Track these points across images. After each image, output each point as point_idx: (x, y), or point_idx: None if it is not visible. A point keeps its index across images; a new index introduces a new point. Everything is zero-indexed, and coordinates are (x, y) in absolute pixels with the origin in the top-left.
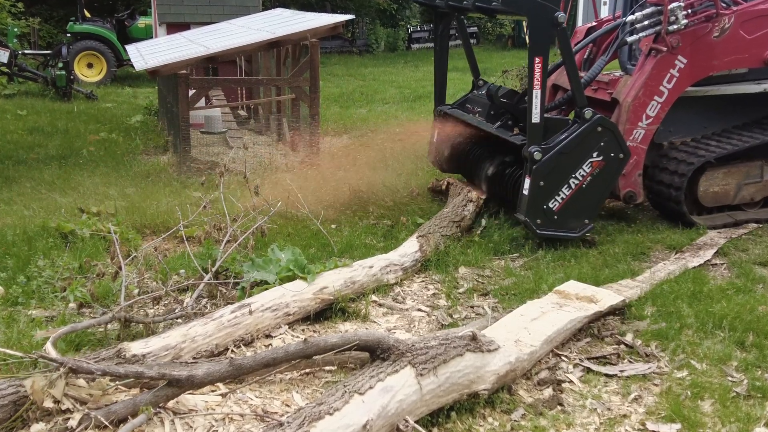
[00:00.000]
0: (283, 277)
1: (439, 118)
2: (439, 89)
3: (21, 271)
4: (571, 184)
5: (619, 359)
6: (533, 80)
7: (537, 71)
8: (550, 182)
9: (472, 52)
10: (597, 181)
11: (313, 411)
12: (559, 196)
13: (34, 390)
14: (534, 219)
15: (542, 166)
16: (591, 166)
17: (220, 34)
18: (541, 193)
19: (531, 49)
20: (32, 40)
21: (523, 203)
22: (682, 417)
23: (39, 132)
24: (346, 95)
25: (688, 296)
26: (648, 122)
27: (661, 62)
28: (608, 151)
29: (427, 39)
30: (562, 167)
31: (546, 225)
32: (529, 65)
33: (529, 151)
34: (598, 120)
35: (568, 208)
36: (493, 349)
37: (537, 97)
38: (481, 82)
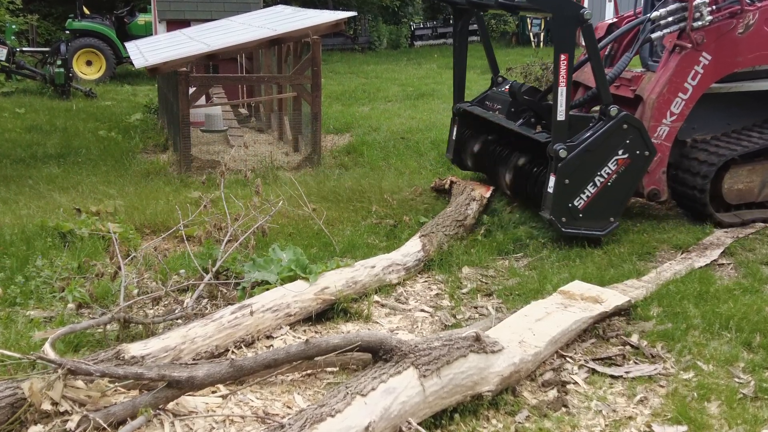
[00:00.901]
0: (284, 278)
1: (459, 116)
2: (458, 86)
3: (19, 271)
4: (597, 182)
5: (625, 360)
6: (558, 77)
7: (562, 68)
8: (575, 180)
9: (491, 49)
10: (622, 179)
11: (314, 413)
12: (584, 194)
13: (32, 392)
14: (559, 217)
15: (567, 164)
16: (616, 164)
17: (221, 31)
18: (567, 191)
19: (556, 46)
20: (30, 38)
21: (548, 201)
22: (688, 419)
23: (37, 130)
24: (348, 93)
25: (695, 297)
26: (672, 119)
27: (686, 59)
28: (634, 149)
29: (430, 36)
30: (587, 165)
31: (571, 223)
32: (554, 62)
33: (554, 148)
34: (623, 117)
35: (593, 207)
36: (497, 350)
37: (562, 94)
38: (500, 79)
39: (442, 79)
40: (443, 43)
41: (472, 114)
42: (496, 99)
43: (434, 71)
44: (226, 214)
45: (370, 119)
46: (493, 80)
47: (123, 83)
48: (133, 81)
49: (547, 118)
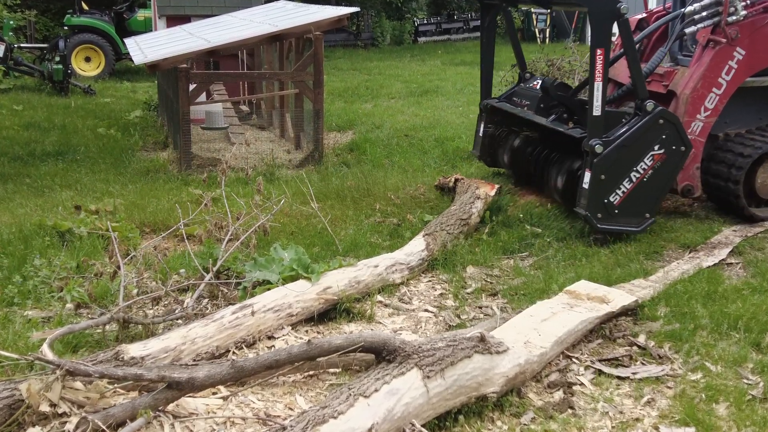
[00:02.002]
0: (286, 277)
1: (487, 112)
2: (485, 82)
3: (17, 271)
4: (632, 177)
5: (632, 361)
6: (595, 72)
7: (599, 63)
8: (611, 176)
9: (518, 45)
10: (658, 175)
11: (316, 414)
12: (620, 190)
13: (30, 393)
14: (594, 213)
15: (603, 160)
16: (652, 159)
17: (222, 27)
18: (602, 186)
19: (593, 41)
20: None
21: (584, 197)
22: (696, 421)
23: (35, 128)
24: (351, 90)
25: (703, 296)
26: (706, 115)
27: (720, 54)
28: (670, 144)
29: (433, 32)
30: (623, 160)
31: (606, 219)
32: (590, 57)
33: (590, 144)
34: (660, 112)
35: (629, 202)
36: (502, 351)
37: (599, 90)
38: (528, 74)
39: (446, 76)
40: (447, 39)
41: (500, 110)
42: (524, 95)
43: (438, 68)
44: (227, 212)
45: (373, 116)
46: (521, 76)
47: (122, 80)
48: (132, 78)
49: (580, 114)
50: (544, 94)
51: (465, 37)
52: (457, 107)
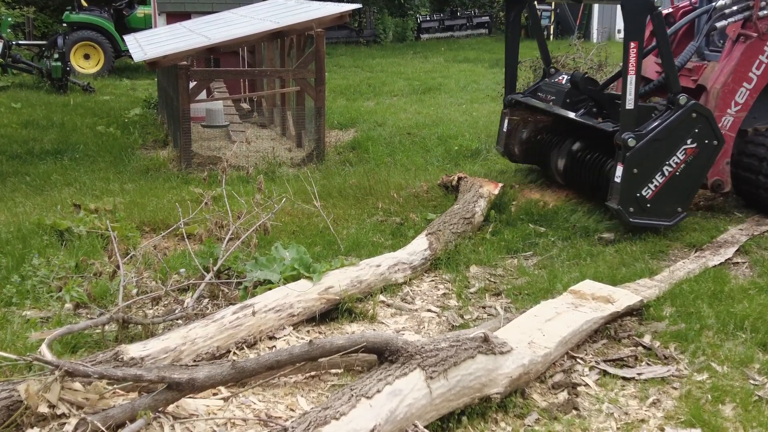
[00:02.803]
0: (287, 277)
1: (511, 107)
2: (510, 77)
3: (15, 270)
4: (665, 171)
5: (637, 362)
6: (628, 65)
7: (632, 56)
8: (643, 169)
9: (544, 40)
10: (690, 169)
11: (318, 415)
12: (652, 184)
13: (29, 394)
14: (627, 207)
15: (636, 153)
16: (685, 153)
17: (222, 24)
18: (635, 180)
19: (626, 34)
20: (27, 30)
21: (616, 191)
22: (702, 422)
23: (34, 126)
24: (353, 87)
25: (709, 296)
26: (737, 109)
27: (751, 48)
28: (702, 138)
29: (436, 29)
30: (655, 154)
31: (639, 213)
32: (624, 50)
33: (622, 137)
34: (692, 106)
35: (661, 196)
36: (506, 351)
37: (632, 83)
38: (552, 70)
39: (449, 73)
40: (450, 36)
41: (525, 105)
42: (549, 90)
43: (441, 65)
44: (227, 211)
45: (376, 114)
46: (545, 71)
47: (122, 77)
48: (132, 75)
49: (609, 108)
50: (573, 88)
51: (468, 34)
52: (460, 105)
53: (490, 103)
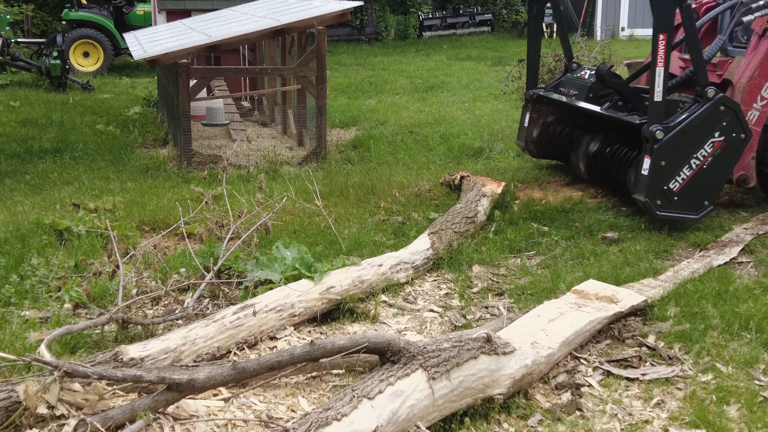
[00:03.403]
0: (288, 276)
1: (532, 102)
2: (532, 72)
3: (14, 270)
4: (692, 164)
5: (641, 362)
6: (656, 58)
7: (661, 49)
8: (671, 162)
9: (566, 35)
10: (718, 162)
11: (319, 416)
12: (679, 177)
13: (28, 395)
14: (654, 200)
15: (664, 146)
16: (712, 146)
17: (223, 22)
18: (662, 173)
19: (655, 26)
20: (26, 28)
21: (643, 184)
22: (707, 423)
23: (33, 124)
24: (355, 85)
25: (713, 296)
26: (763, 104)
27: None
28: (730, 131)
29: (439, 27)
30: (683, 147)
31: (666, 206)
32: (653, 42)
33: (650, 130)
34: (721, 99)
35: (688, 190)
36: (509, 352)
37: (660, 75)
38: (575, 65)
39: (451, 71)
40: (453, 33)
41: (547, 99)
42: (571, 84)
43: (443, 63)
44: (228, 210)
45: (377, 112)
46: (567, 66)
47: (121, 75)
48: (131, 73)
49: (635, 102)
50: (598, 81)
51: (471, 32)
52: (462, 103)
53: (492, 102)
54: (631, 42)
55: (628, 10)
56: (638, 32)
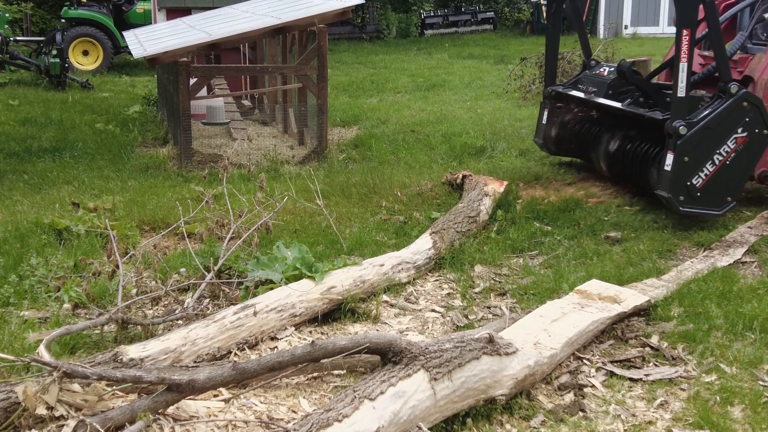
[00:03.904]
0: (289, 276)
1: (551, 99)
2: (550, 69)
3: (13, 270)
4: (715, 160)
5: (644, 362)
6: (680, 53)
7: (684, 44)
8: (694, 158)
9: (585, 33)
10: (741, 158)
11: (320, 417)
12: (702, 173)
13: (27, 396)
14: (677, 196)
15: (687, 141)
16: (735, 142)
17: (223, 20)
18: (685, 169)
19: (679, 22)
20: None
21: (666, 179)
22: (710, 424)
23: (32, 123)
24: (356, 84)
25: (717, 296)
26: None
27: None
28: (753, 127)
29: (441, 25)
30: (706, 143)
31: (689, 202)
32: (676, 38)
33: (673, 125)
34: (744, 95)
35: (711, 185)
36: (511, 352)
37: (683, 71)
38: (593, 62)
39: (453, 70)
40: (455, 32)
41: (566, 96)
42: (590, 81)
43: (445, 61)
44: (228, 210)
45: (379, 111)
46: (586, 63)
47: (121, 74)
48: (131, 72)
49: (656, 98)
50: (619, 77)
51: (473, 30)
52: (464, 102)
53: (495, 100)
54: (634, 40)
55: (631, 8)
56: (641, 30)
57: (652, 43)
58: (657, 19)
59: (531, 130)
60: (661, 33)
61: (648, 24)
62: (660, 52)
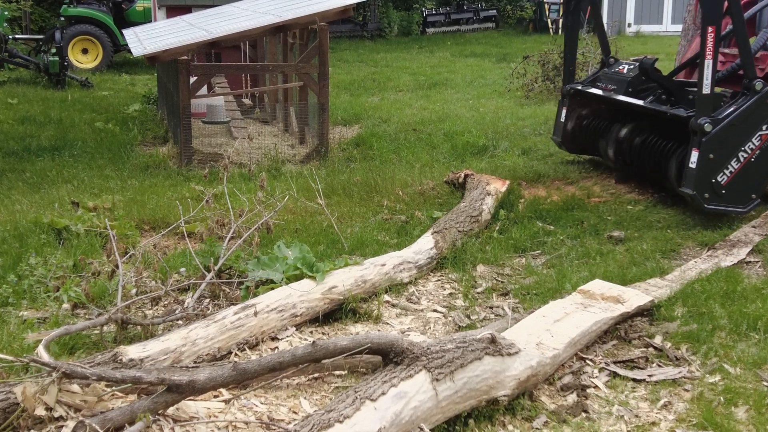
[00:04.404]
0: (290, 276)
1: (569, 97)
2: (569, 67)
3: (12, 270)
4: (740, 157)
5: (648, 363)
6: (705, 50)
7: (709, 41)
8: (718, 155)
9: (603, 30)
10: (765, 155)
11: (321, 418)
12: (727, 170)
13: (26, 396)
14: (702, 193)
15: (712, 139)
16: (760, 139)
17: (224, 18)
18: (710, 166)
19: (704, 18)
20: (24, 24)
21: (691, 177)
22: (714, 425)
23: (31, 122)
24: (357, 83)
25: (721, 296)
26: None
27: None
28: None
29: (442, 23)
30: (731, 140)
31: (713, 200)
32: (701, 34)
33: (698, 122)
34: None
35: (736, 183)
36: (514, 353)
37: (708, 67)
38: (612, 59)
39: (455, 68)
40: (457, 30)
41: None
42: (609, 79)
43: (447, 60)
44: (229, 209)
45: (380, 110)
46: (605, 61)
47: (121, 72)
48: (131, 70)
49: (678, 95)
50: (641, 75)
51: (475, 28)
52: (467, 100)
53: (497, 99)
54: (637, 38)
55: (634, 6)
56: (645, 28)
57: (655, 41)
58: (660, 17)
59: (533, 128)
60: (665, 31)
61: (651, 22)
62: (664, 51)
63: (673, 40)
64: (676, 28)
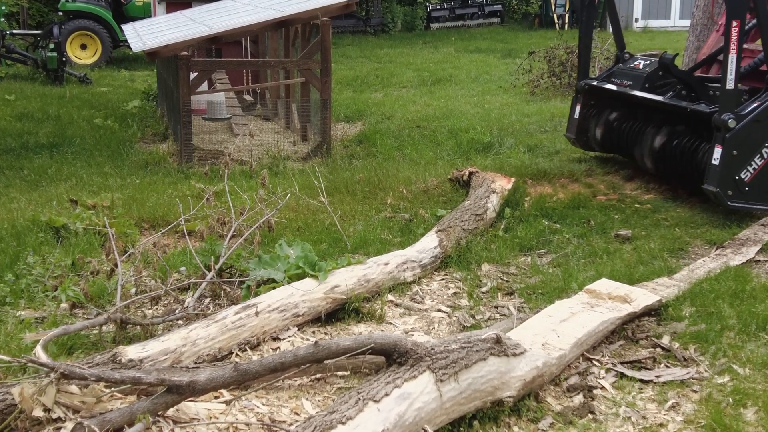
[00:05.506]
0: (291, 275)
1: (584, 93)
2: (584, 62)
3: (9, 269)
4: (764, 153)
5: (655, 364)
6: (729, 45)
7: (734, 35)
8: (742, 152)
9: (618, 25)
10: None
11: (324, 420)
12: (750, 167)
13: (23, 397)
14: (725, 190)
15: (736, 135)
16: None
17: (225, 13)
18: (734, 162)
19: (729, 13)
20: (21, 19)
21: (714, 174)
22: (723, 426)
23: (29, 118)
24: (360, 78)
25: (730, 295)
26: None
27: None
28: None
29: (447, 18)
30: (755, 136)
31: (737, 196)
32: (726, 29)
33: (722, 118)
34: None
35: (759, 180)
36: (519, 353)
37: (733, 62)
38: (627, 55)
39: (459, 64)
40: (461, 25)
41: (602, 90)
42: (625, 75)
43: (452, 55)
44: (230, 207)
45: (384, 106)
46: (619, 56)
47: (120, 68)
48: (130, 66)
49: (699, 91)
50: (661, 70)
51: (480, 23)
52: (471, 97)
53: (502, 95)
54: (645, 34)
55: (642, 1)
56: (652, 23)
57: (663, 36)
58: (668, 12)
59: (539, 125)
60: (672, 26)
61: (659, 17)
62: (671, 46)
63: (681, 35)
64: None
